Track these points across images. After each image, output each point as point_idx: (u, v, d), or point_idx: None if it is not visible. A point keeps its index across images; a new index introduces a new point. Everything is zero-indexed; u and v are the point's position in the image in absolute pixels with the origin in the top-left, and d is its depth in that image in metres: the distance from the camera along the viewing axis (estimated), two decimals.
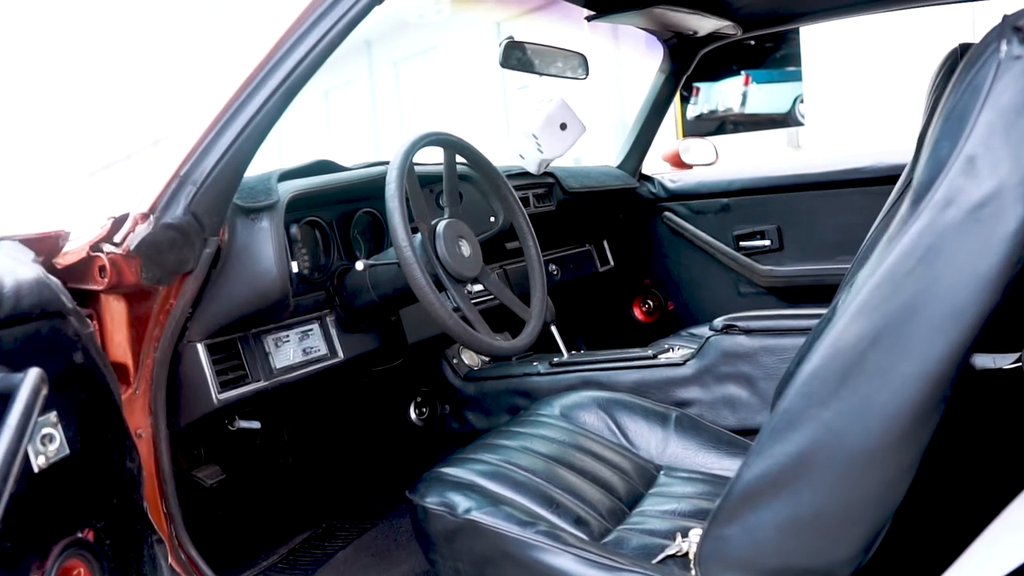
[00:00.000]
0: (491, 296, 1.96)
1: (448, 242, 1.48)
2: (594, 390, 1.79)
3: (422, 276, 1.36)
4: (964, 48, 1.80)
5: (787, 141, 11.10)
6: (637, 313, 2.81)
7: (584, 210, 2.48)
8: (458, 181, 1.61)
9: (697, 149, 2.83)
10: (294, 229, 1.52)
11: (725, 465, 1.50)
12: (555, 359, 1.95)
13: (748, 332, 1.74)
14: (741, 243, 2.57)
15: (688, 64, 2.47)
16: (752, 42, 2.41)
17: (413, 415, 2.07)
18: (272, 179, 1.45)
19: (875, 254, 0.99)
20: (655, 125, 2.62)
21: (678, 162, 2.81)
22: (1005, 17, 0.86)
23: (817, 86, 11.40)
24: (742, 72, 12.83)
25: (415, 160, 1.49)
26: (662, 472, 1.49)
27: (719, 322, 1.78)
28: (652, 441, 1.56)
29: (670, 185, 2.67)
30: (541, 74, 2.02)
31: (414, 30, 15.53)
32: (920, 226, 0.82)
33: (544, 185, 2.24)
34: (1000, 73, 0.80)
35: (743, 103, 13.01)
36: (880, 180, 2.35)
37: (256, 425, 1.56)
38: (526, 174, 2.20)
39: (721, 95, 13.06)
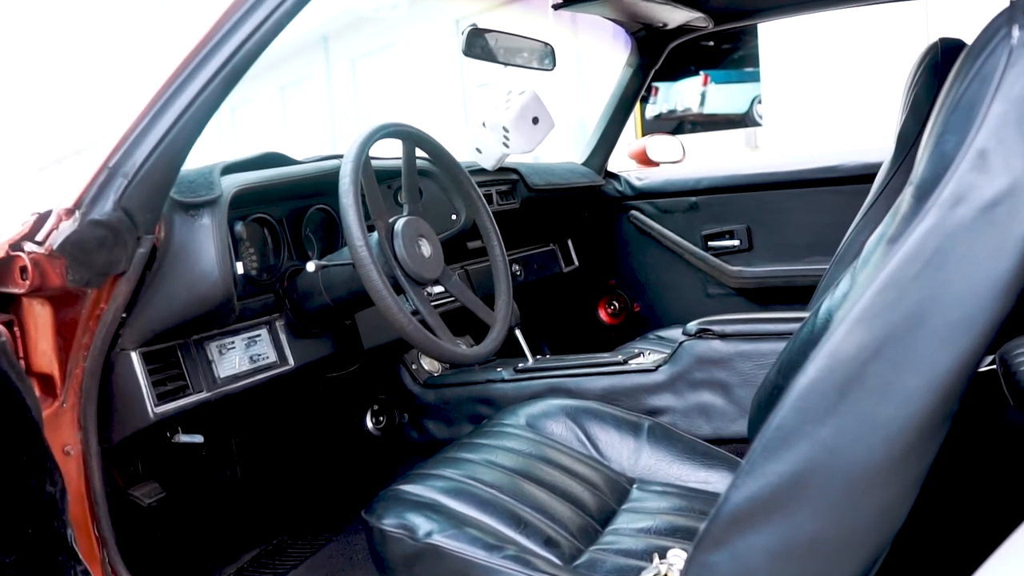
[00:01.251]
0: (451, 298, 1.86)
1: (407, 241, 1.39)
2: (562, 398, 1.71)
3: (379, 278, 1.26)
4: (945, 43, 1.75)
5: (745, 141, 11.19)
6: (602, 315, 2.73)
7: (548, 208, 2.39)
8: (418, 176, 1.51)
9: (664, 146, 2.76)
10: (239, 227, 1.41)
11: (701, 477, 1.43)
12: (520, 365, 1.86)
13: (723, 336, 1.66)
14: (710, 243, 2.52)
15: (657, 58, 2.40)
16: (711, 42, 2.35)
17: (369, 424, 1.96)
18: (214, 172, 1.33)
19: (874, 256, 0.93)
20: (622, 121, 2.54)
21: (644, 159, 2.74)
22: (1014, 2, 0.79)
23: (775, 87, 11.50)
24: (701, 72, 12.91)
25: (371, 154, 1.39)
26: (635, 486, 1.41)
27: (693, 326, 1.70)
28: (624, 452, 1.49)
29: (637, 183, 2.60)
30: (506, 64, 1.92)
31: (372, 27, 15.40)
32: (927, 226, 0.76)
33: (507, 182, 2.15)
34: (1013, 61, 0.74)
35: (702, 103, 13.09)
36: (852, 179, 2.31)
37: (198, 439, 1.45)
38: (485, 170, 2.10)
39: (680, 95, 13.12)
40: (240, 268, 1.41)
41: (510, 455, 1.38)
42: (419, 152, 1.52)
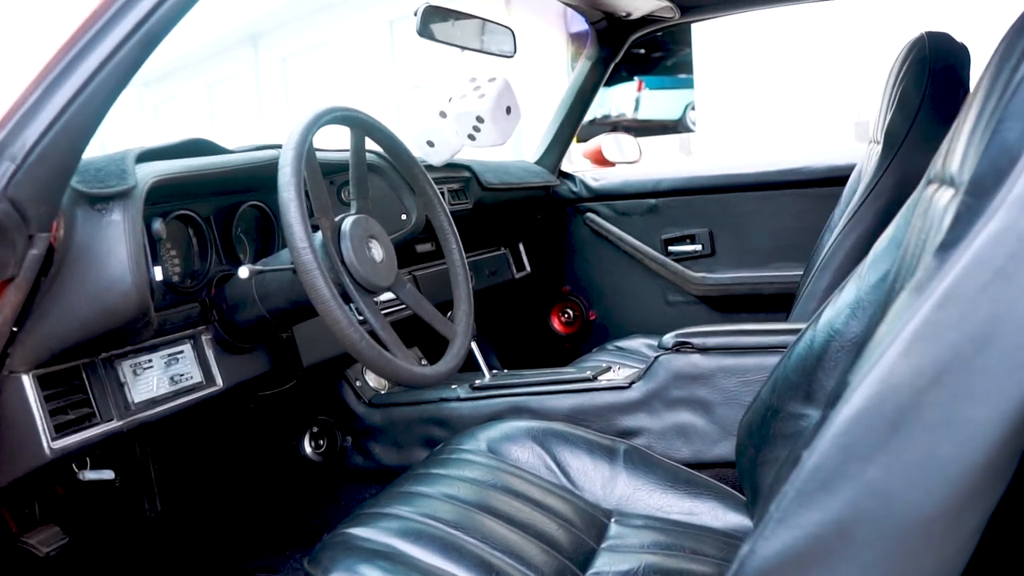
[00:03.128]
0: (400, 306, 1.68)
1: (356, 243, 1.20)
2: (525, 419, 1.55)
3: (325, 286, 1.07)
4: (932, 36, 1.64)
5: (679, 147, 11.25)
6: (555, 323, 2.58)
7: (500, 209, 2.23)
8: (367, 170, 1.33)
9: (620, 145, 2.63)
10: (157, 225, 1.19)
11: (685, 508, 1.29)
12: (476, 382, 1.68)
13: (704, 350, 1.51)
14: (670, 248, 2.39)
15: (618, 50, 2.26)
16: (642, 50, 2.23)
17: (308, 448, 1.76)
18: (128, 159, 1.12)
19: (921, 265, 0.80)
20: (578, 117, 2.39)
21: (600, 159, 2.60)
22: None
23: (708, 93, 11.61)
24: (635, 77, 12.96)
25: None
26: (613, 519, 1.26)
27: (669, 339, 1.55)
28: (598, 480, 1.33)
29: (593, 184, 2.46)
30: (463, 48, 1.75)
31: (304, 25, 15.10)
32: (995, 229, 0.65)
33: (460, 180, 1.97)
34: None
35: (636, 109, 13.17)
36: (819, 182, 2.22)
37: (108, 475, 1.24)
38: (433, 167, 1.92)
39: (614, 100, 13.16)
40: (159, 274, 1.20)
41: (472, 487, 1.21)
42: (369, 143, 1.34)
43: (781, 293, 2.23)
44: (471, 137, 1.78)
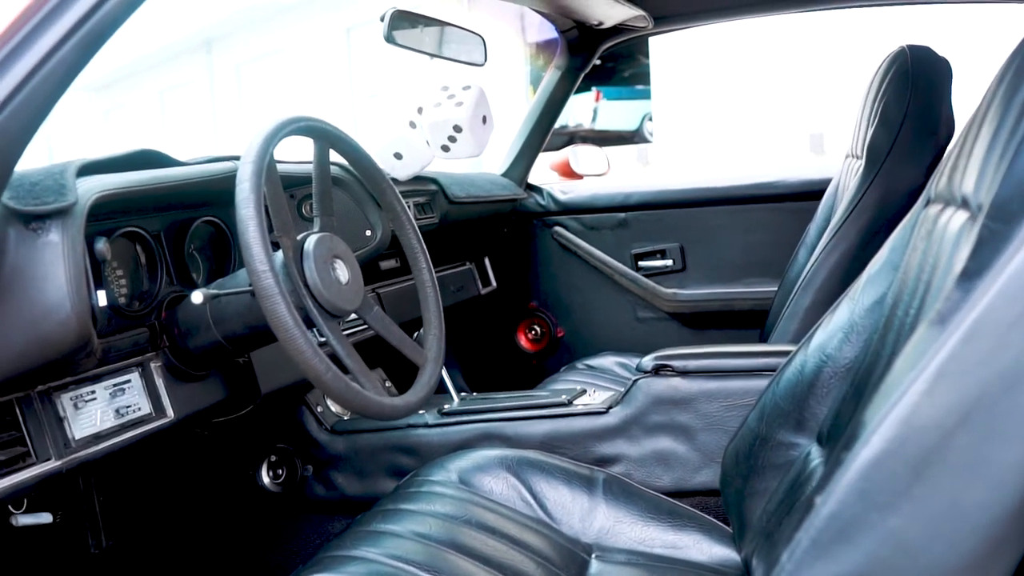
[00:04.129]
0: (362, 326, 1.59)
1: (320, 264, 1.11)
2: (497, 446, 1.47)
3: (287, 313, 0.98)
4: (914, 50, 1.61)
5: (637, 157, 11.28)
6: (522, 340, 2.50)
7: (467, 224, 2.15)
8: (331, 184, 1.24)
9: (588, 158, 2.57)
10: (101, 245, 1.09)
11: (669, 540, 1.23)
12: (445, 407, 1.60)
13: (685, 373, 1.45)
14: (640, 263, 2.34)
15: (589, 60, 2.20)
16: (600, 60, 2.18)
17: (266, 479, 1.66)
18: (67, 173, 1.02)
19: (938, 293, 0.75)
20: (547, 128, 2.33)
21: (568, 172, 2.54)
22: None
23: (665, 104, 11.67)
24: (593, 88, 12.98)
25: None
26: (593, 555, 1.19)
27: (648, 361, 1.48)
28: (576, 513, 1.26)
29: (561, 197, 2.39)
30: (432, 55, 1.67)
31: (259, 31, 14.92)
32: None
33: (426, 193, 1.89)
34: None
35: (594, 119, 13.20)
36: (793, 196, 2.18)
37: (46, 519, 1.13)
38: (397, 181, 1.83)
39: (572, 110, 13.15)
40: (102, 299, 1.10)
41: (443, 524, 1.13)
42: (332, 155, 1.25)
43: (754, 309, 2.18)
44: (445, 148, 1.69)
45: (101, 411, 1.11)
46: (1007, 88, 0.79)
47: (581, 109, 13.01)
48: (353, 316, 1.22)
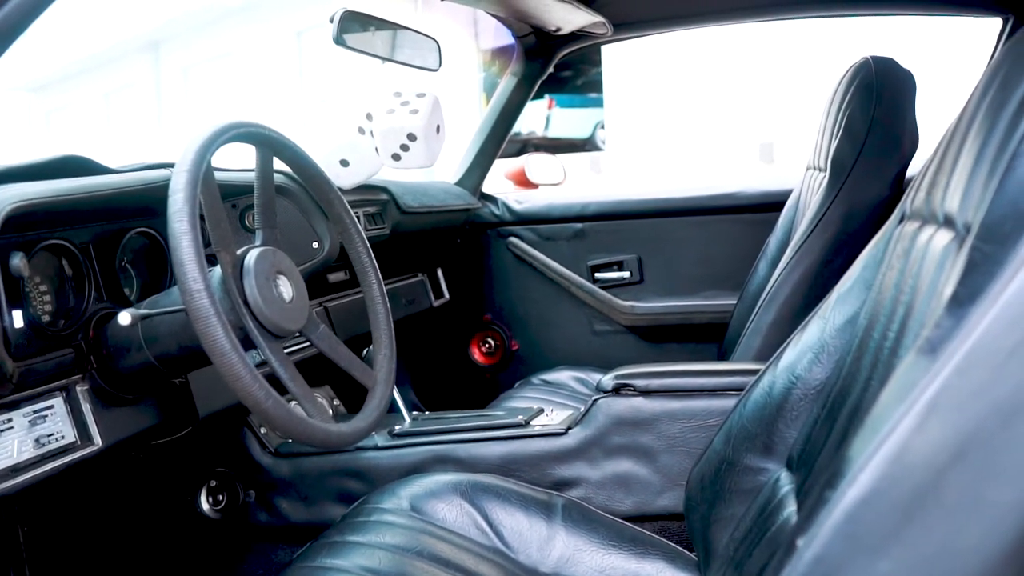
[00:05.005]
0: (306, 343, 1.51)
1: (262, 281, 1.04)
2: (450, 470, 1.40)
3: (224, 336, 0.91)
4: (876, 61, 1.58)
5: (589, 165, 11.31)
6: (476, 354, 2.43)
7: (419, 234, 2.08)
8: (275, 194, 1.16)
9: (543, 166, 2.51)
10: (16, 260, 1.00)
11: (630, 569, 1.17)
12: (396, 427, 1.53)
13: (647, 393, 1.39)
14: (597, 274, 2.29)
15: (546, 67, 2.14)
16: (551, 69, 2.13)
17: (205, 505, 1.56)
18: None
19: (924, 318, 0.71)
20: (502, 136, 2.26)
21: (523, 181, 2.48)
22: None
23: (617, 113, 11.73)
24: (545, 95, 13.00)
25: (213, 163, 1.04)
26: None
27: (608, 380, 1.42)
28: (534, 541, 1.20)
29: (516, 207, 2.33)
30: (384, 59, 1.59)
31: (207, 34, 14.68)
32: None
33: (376, 203, 1.81)
34: None
35: (546, 127, 13.21)
36: (753, 208, 2.15)
37: None
38: (353, 188, 1.75)
39: (525, 118, 13.13)
40: (18, 319, 1.01)
41: (394, 557, 1.06)
42: (276, 163, 1.17)
43: (713, 323, 2.14)
44: (396, 157, 1.61)
45: (19, 441, 1.01)
46: (992, 102, 0.75)
47: (534, 116, 13.03)
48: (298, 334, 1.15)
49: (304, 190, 1.35)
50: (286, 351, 1.49)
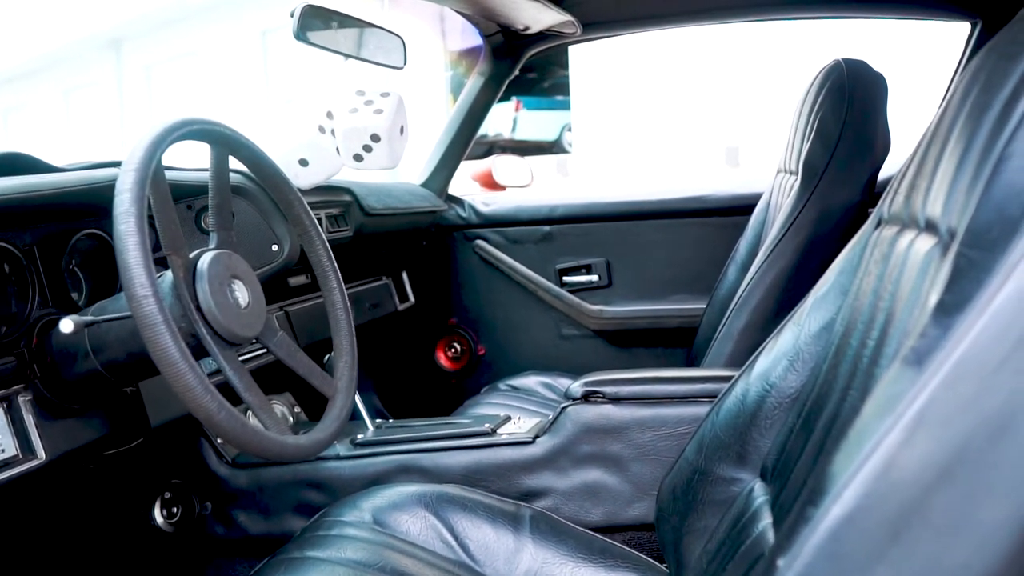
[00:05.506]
0: (263, 350, 1.46)
1: (216, 285, 0.99)
2: (415, 481, 1.36)
3: (173, 344, 0.86)
4: (848, 63, 1.56)
5: (556, 168, 11.31)
6: (441, 358, 2.39)
7: (384, 237, 2.03)
8: (231, 194, 1.11)
9: (510, 168, 2.47)
10: None
11: None
12: (359, 437, 1.48)
13: (617, 400, 1.36)
14: (565, 278, 2.25)
15: (513, 66, 2.10)
16: (518, 71, 2.10)
17: (159, 518, 1.50)
18: None
19: (906, 327, 0.69)
20: (468, 137, 2.22)
21: (490, 182, 2.44)
22: None
23: (585, 116, 11.74)
24: (512, 97, 12.99)
25: (166, 161, 0.99)
26: None
27: (577, 387, 1.39)
28: (501, 554, 1.16)
29: (483, 209, 2.29)
30: (347, 55, 1.54)
31: (171, 32, 14.49)
32: (1014, 290, 0.54)
33: (339, 204, 1.76)
34: None
35: (513, 129, 13.21)
36: (722, 211, 2.12)
37: None
38: (315, 189, 1.70)
39: (491, 119, 13.11)
40: None
41: (355, 573, 1.02)
42: (233, 162, 1.12)
43: (682, 327, 2.12)
44: (358, 158, 1.56)
45: None
46: (974, 105, 0.72)
47: (501, 118, 13.02)
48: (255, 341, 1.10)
49: (263, 191, 1.30)
50: (242, 359, 1.45)
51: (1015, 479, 0.50)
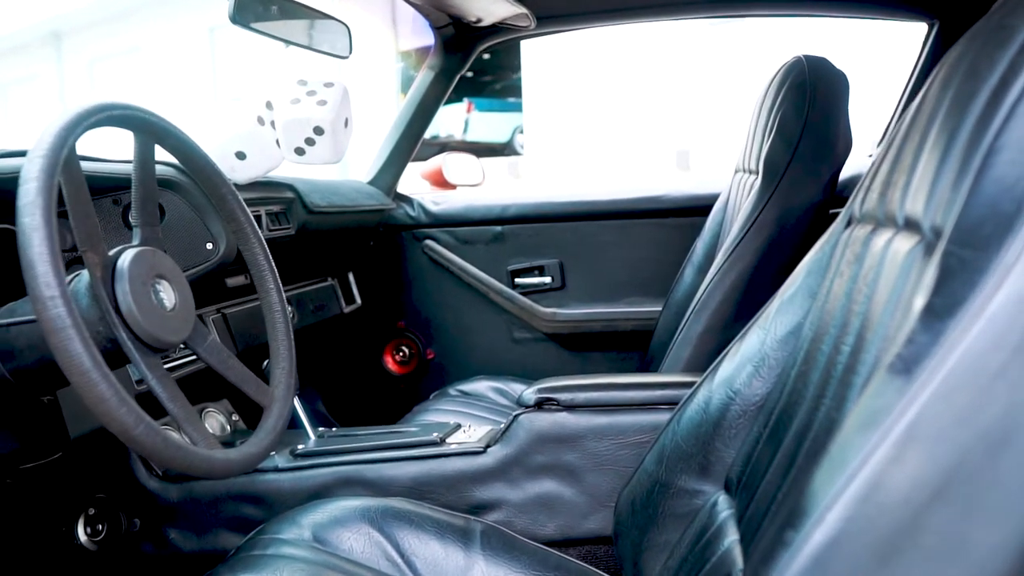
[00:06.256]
0: (194, 356, 1.37)
1: (137, 286, 0.90)
2: (358, 494, 1.29)
3: (83, 350, 0.77)
4: (810, 60, 1.52)
5: (508, 170, 11.27)
6: (389, 363, 2.31)
7: (329, 236, 1.95)
8: (158, 188, 1.03)
9: (461, 166, 2.40)
10: None
11: None
12: (299, 446, 1.39)
13: (572, 408, 1.30)
14: (517, 280, 2.19)
15: (465, 60, 2.03)
16: (471, 73, 2.05)
17: (83, 535, 1.40)
18: None
19: (889, 332, 0.64)
20: (418, 133, 2.15)
21: (440, 181, 2.37)
22: None
23: (537, 118, 11.74)
24: (464, 99, 12.94)
25: (93, 153, 0.90)
26: None
27: (530, 394, 1.32)
28: (450, 571, 1.11)
29: (432, 208, 2.22)
30: (288, 42, 1.46)
31: (114, 27, 14.18)
32: (1013, 293, 0.50)
33: (281, 201, 1.67)
34: None
35: (465, 130, 13.16)
36: (678, 211, 2.07)
37: None
38: (254, 185, 1.61)
39: (443, 121, 13.07)
40: None
41: None
42: (163, 154, 1.04)
43: (637, 330, 2.07)
44: (299, 151, 1.47)
45: None
46: (958, 93, 0.67)
47: (452, 120, 12.96)
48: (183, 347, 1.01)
49: (197, 185, 1.21)
50: (172, 365, 1.35)
51: (1014, 498, 0.47)
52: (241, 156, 1.45)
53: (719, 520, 0.91)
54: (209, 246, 1.32)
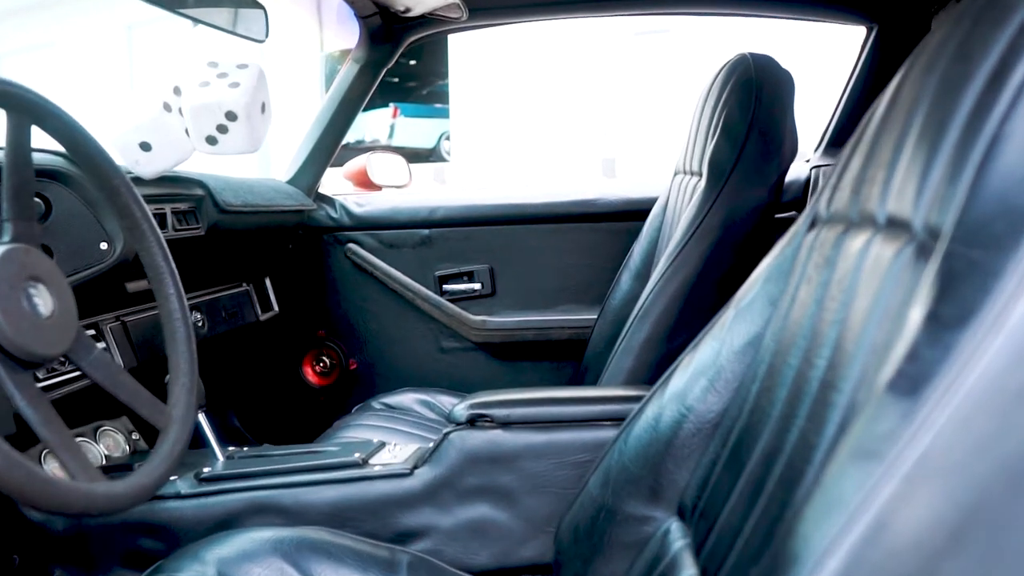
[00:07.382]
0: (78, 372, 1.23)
1: (5, 289, 0.77)
2: (272, 523, 1.17)
3: None
4: (755, 58, 1.46)
5: (434, 176, 11.19)
6: (308, 373, 2.18)
7: (243, 237, 1.82)
8: (35, 178, 0.89)
9: (387, 166, 2.29)
10: None
11: None
12: (205, 469, 1.26)
13: (507, 425, 1.20)
14: (445, 286, 2.09)
15: (392, 53, 1.92)
16: (396, 78, 1.96)
17: None
18: None
19: (900, 349, 0.56)
20: (342, 129, 2.03)
21: (364, 181, 2.25)
22: None
23: (463, 124, 11.70)
24: (391, 104, 12.83)
25: None
26: None
27: (462, 410, 1.22)
28: None
29: (356, 210, 2.10)
30: (196, 20, 1.32)
31: (26, 21, 13.66)
32: None
33: (189, 199, 1.53)
34: None
35: (390, 135, 13.07)
36: (614, 216, 2.01)
37: None
38: (159, 180, 1.47)
39: (368, 125, 12.94)
40: None
41: None
42: (46, 139, 0.90)
43: (572, 339, 1.99)
44: (211, 140, 1.34)
45: None
46: (946, 79, 0.60)
47: (378, 125, 12.85)
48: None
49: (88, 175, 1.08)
50: (56, 380, 1.21)
51: None
52: (146, 147, 1.30)
53: (673, 550, 0.83)
54: (104, 246, 1.18)
